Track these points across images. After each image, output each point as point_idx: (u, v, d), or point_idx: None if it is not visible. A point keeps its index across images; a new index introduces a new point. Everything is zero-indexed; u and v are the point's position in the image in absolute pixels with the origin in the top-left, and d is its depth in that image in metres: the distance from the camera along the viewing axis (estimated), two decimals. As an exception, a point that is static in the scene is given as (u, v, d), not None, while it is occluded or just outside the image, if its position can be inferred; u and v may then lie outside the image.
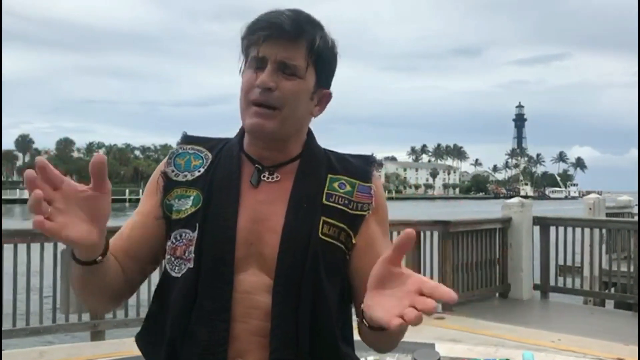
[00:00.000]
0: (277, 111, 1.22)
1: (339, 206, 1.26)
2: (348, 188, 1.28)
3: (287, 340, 1.19)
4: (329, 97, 1.32)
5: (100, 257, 1.11)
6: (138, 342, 1.33)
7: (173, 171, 1.30)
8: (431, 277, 6.60)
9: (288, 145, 1.29)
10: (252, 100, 1.22)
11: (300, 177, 1.28)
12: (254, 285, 1.20)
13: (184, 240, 1.24)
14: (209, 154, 1.32)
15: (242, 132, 1.33)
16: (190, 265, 1.22)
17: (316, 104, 1.30)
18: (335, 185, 1.28)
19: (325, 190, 1.27)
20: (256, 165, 1.28)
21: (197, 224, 1.23)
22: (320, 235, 1.23)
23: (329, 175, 1.29)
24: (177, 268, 1.24)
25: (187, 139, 1.36)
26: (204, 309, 1.19)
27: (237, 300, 1.20)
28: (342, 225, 1.25)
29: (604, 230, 7.26)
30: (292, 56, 1.22)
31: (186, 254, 1.22)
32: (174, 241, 1.25)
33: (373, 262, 1.21)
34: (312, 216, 1.24)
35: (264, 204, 1.25)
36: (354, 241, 1.25)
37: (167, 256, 1.26)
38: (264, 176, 1.28)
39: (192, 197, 1.26)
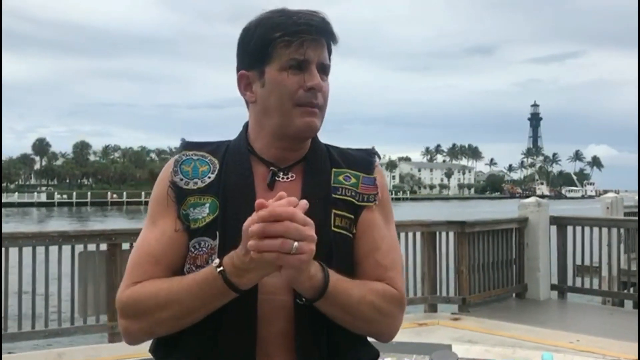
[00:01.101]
0: (321, 111, 1.27)
1: (347, 198, 1.29)
2: (353, 180, 1.31)
3: (309, 339, 1.21)
4: None
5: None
6: (154, 353, 1.30)
7: (182, 179, 1.27)
8: (447, 278, 6.60)
9: (307, 143, 1.32)
10: (303, 102, 1.24)
11: (309, 174, 1.29)
12: (277, 286, 1.20)
13: (205, 249, 1.22)
14: (214, 159, 1.30)
15: (245, 133, 1.34)
16: None
17: None
18: (341, 178, 1.31)
19: (332, 184, 1.29)
20: (271, 167, 1.29)
21: (218, 232, 1.22)
22: (333, 228, 1.25)
23: (333, 169, 1.31)
24: None
25: (187, 146, 1.33)
26: (230, 315, 1.18)
27: (262, 302, 1.20)
28: (351, 216, 1.28)
29: (622, 230, 7.17)
30: (326, 57, 1.27)
31: (209, 262, 1.20)
32: (193, 250, 1.23)
33: (367, 247, 1.27)
34: (324, 210, 1.25)
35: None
36: (354, 230, 1.28)
37: (187, 266, 1.24)
38: (278, 177, 1.29)
39: (207, 205, 1.24)
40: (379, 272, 1.25)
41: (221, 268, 1.12)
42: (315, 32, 1.23)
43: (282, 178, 1.28)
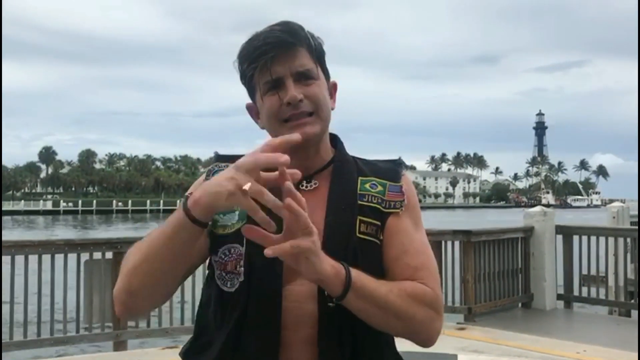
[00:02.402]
0: (314, 115, 1.27)
1: (373, 204, 1.30)
2: (379, 188, 1.32)
3: (332, 344, 1.22)
4: (335, 86, 1.39)
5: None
6: (184, 357, 1.33)
7: None
8: (453, 288, 6.59)
9: (322, 147, 1.33)
10: (286, 118, 1.26)
11: (336, 181, 1.31)
12: (302, 294, 1.22)
13: (234, 255, 1.25)
14: None
15: None
16: (241, 278, 1.23)
17: (330, 97, 1.36)
18: (367, 185, 1.32)
19: (358, 192, 1.31)
20: None
21: (245, 239, 1.23)
22: (358, 234, 1.26)
23: (360, 178, 1.33)
24: (229, 283, 1.24)
25: (220, 158, 1.37)
26: (254, 321, 1.21)
27: (288, 310, 1.22)
28: (377, 222, 1.29)
29: (628, 239, 7.14)
30: (302, 63, 1.27)
31: (237, 268, 1.24)
32: (223, 257, 1.26)
33: (396, 251, 1.28)
34: (349, 217, 1.27)
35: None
36: (381, 237, 1.29)
37: (217, 272, 1.27)
38: (302, 185, 1.30)
39: (237, 212, 1.27)
40: (409, 273, 1.26)
41: (190, 192, 1.15)
42: (274, 48, 1.23)
43: (306, 187, 1.30)
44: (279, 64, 1.24)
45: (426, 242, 1.35)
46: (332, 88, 1.37)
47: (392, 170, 1.36)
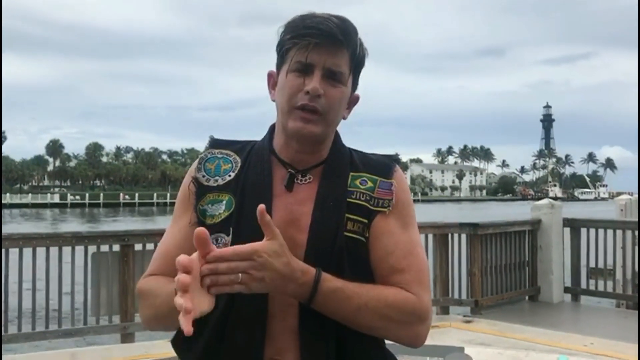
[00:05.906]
0: (322, 116, 1.26)
1: (361, 202, 1.29)
2: (369, 184, 1.31)
3: (315, 337, 1.21)
4: (357, 100, 1.38)
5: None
6: (174, 345, 1.34)
7: (204, 176, 1.33)
8: (459, 280, 6.57)
9: (322, 147, 1.33)
10: (299, 105, 1.25)
11: (326, 177, 1.31)
12: None
13: (220, 245, 1.25)
14: (238, 158, 1.34)
15: (270, 134, 1.36)
16: None
17: (347, 107, 1.35)
18: (357, 182, 1.31)
19: (347, 188, 1.30)
20: (289, 169, 1.30)
21: (231, 228, 1.25)
22: (345, 232, 1.25)
23: (351, 173, 1.32)
24: None
25: (214, 143, 1.38)
26: (241, 311, 1.21)
27: (274, 300, 1.21)
28: (364, 220, 1.27)
29: (636, 232, 7.10)
30: (338, 63, 1.26)
31: None
32: None
33: (380, 253, 1.27)
34: (337, 214, 1.26)
35: (295, 205, 1.28)
36: (367, 234, 1.27)
37: None
38: (297, 179, 1.30)
39: (224, 202, 1.28)
40: (394, 277, 1.25)
41: None
42: (322, 36, 1.22)
43: (301, 180, 1.30)
44: (318, 52, 1.23)
45: (417, 241, 1.33)
46: (354, 100, 1.36)
47: (385, 165, 1.34)
